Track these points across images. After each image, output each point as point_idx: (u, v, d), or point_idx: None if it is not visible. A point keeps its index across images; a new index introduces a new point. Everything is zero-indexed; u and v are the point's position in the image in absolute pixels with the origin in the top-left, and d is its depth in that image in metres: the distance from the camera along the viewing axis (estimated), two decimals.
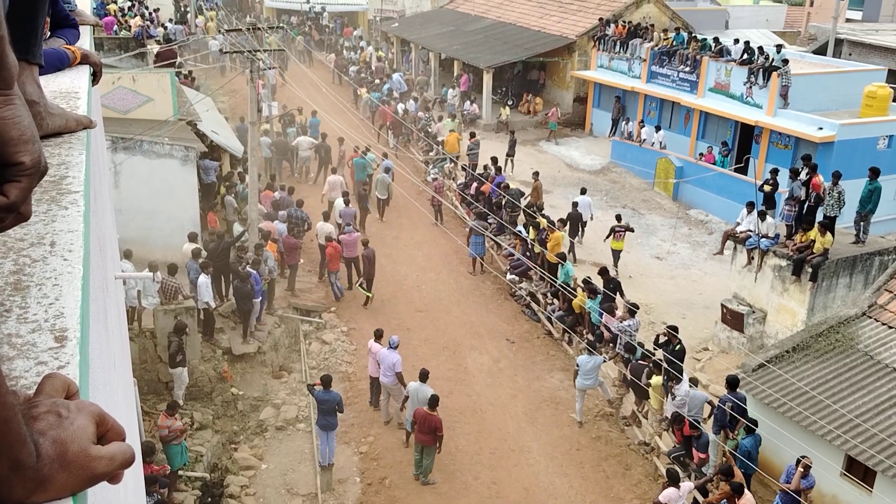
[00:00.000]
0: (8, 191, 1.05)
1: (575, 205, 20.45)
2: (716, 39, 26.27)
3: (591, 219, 20.76)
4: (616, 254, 19.42)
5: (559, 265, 17.25)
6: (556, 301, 17.19)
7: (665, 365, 13.00)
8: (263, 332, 15.88)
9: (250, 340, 15.53)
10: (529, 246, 18.58)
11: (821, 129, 21.55)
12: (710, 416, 12.88)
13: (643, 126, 27.17)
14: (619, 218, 19.71)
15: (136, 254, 14.92)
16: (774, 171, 17.66)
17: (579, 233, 20.46)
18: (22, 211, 1.09)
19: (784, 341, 13.72)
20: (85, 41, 3.69)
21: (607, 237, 19.49)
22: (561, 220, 19.25)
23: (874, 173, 15.69)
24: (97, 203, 2.65)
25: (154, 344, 14.00)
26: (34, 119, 2.11)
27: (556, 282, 16.90)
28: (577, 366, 14.10)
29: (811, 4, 43.78)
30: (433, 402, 12.38)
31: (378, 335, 14.08)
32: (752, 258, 16.31)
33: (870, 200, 15.65)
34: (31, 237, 1.58)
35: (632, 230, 19.55)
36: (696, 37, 27.45)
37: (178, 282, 14.57)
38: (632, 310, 14.88)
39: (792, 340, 13.35)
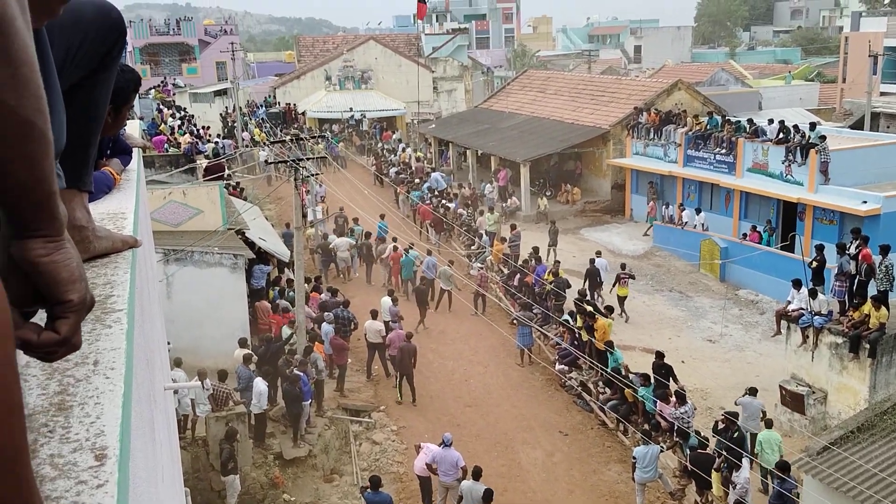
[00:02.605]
0: (59, 327, 1.16)
1: (592, 261, 22.05)
2: (749, 121, 26.43)
3: (602, 283, 21.75)
4: (621, 300, 21.57)
5: (608, 353, 17.02)
6: (608, 390, 16.87)
7: (724, 453, 12.57)
8: (314, 435, 15.82)
9: (301, 444, 15.46)
10: (577, 335, 18.39)
11: (865, 202, 21.29)
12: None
13: (683, 209, 27.15)
14: (623, 266, 22.01)
15: (187, 362, 15.14)
16: (820, 248, 17.41)
17: (598, 289, 21.63)
18: (73, 342, 1.19)
19: (848, 421, 13.19)
20: (134, 162, 3.93)
21: (613, 285, 21.51)
22: (608, 307, 19.09)
23: None
24: (144, 317, 2.76)
25: (206, 452, 14.02)
26: (83, 243, 2.26)
27: (605, 370, 16.63)
28: (634, 458, 13.70)
29: (843, 81, 43.94)
30: (487, 497, 12.10)
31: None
32: (807, 337, 15.90)
33: None
34: (75, 357, 1.65)
35: (633, 277, 21.77)
36: (729, 119, 27.66)
37: (228, 388, 14.70)
38: (681, 395, 14.53)
39: (856, 420, 12.83)
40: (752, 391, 14.95)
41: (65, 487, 1.19)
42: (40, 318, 1.22)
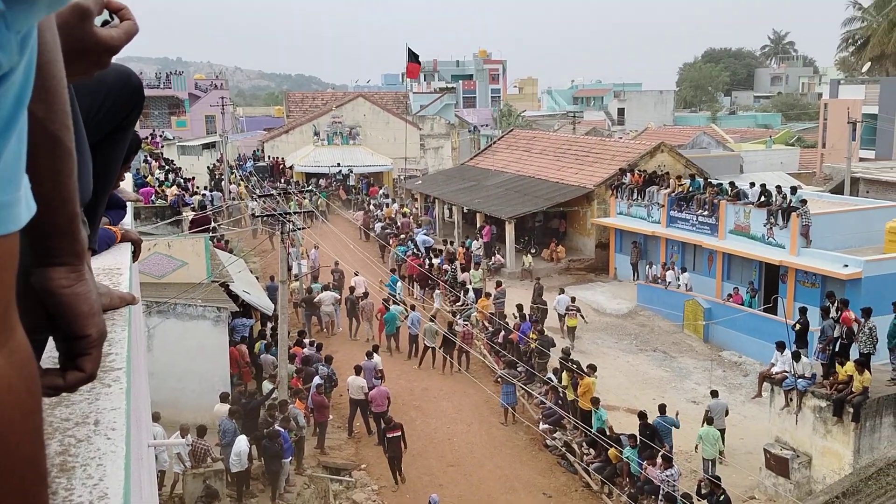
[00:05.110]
0: (84, 365, 1.14)
1: (540, 293, 24.51)
2: (731, 183, 26.87)
3: (564, 314, 23.54)
4: (571, 330, 23.24)
5: (592, 412, 16.92)
6: (592, 451, 16.72)
7: None
8: (293, 494, 15.52)
9: (279, 503, 15.14)
10: (561, 394, 18.30)
11: (846, 266, 21.56)
12: None
13: (668, 269, 27.36)
14: (573, 300, 23.89)
15: (165, 416, 14.88)
16: (803, 310, 17.56)
17: (545, 318, 23.55)
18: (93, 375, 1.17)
19: (833, 486, 13.13)
20: (127, 215, 3.93)
21: (562, 317, 23.49)
22: (591, 366, 19.05)
23: None
24: (136, 374, 2.74)
25: None
26: None
27: (590, 431, 16.51)
28: None
29: (823, 146, 44.90)
30: None
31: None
32: (791, 399, 15.91)
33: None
34: (76, 416, 1.65)
35: (579, 310, 23.52)
36: (711, 182, 28.11)
37: (207, 444, 14.45)
38: (667, 458, 14.43)
39: (840, 485, 12.78)
40: (714, 393, 17.38)
41: None
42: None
